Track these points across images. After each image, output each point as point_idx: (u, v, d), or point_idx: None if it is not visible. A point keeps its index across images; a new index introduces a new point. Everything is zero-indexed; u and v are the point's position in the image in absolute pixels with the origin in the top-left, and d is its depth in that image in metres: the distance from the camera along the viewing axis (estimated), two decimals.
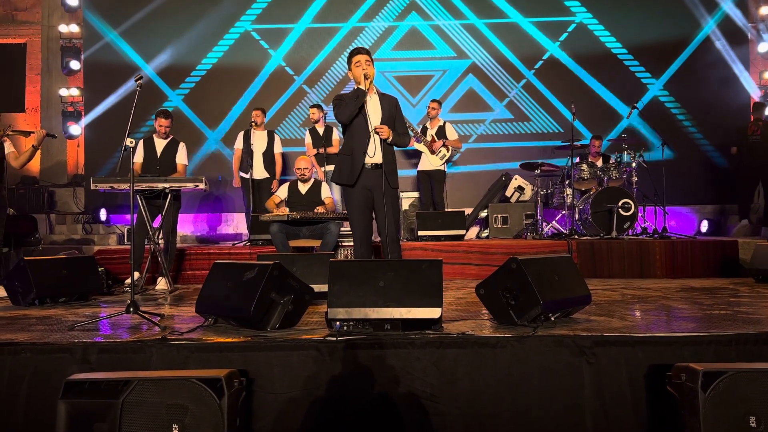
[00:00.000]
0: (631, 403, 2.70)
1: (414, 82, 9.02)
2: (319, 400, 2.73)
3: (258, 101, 8.55)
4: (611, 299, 4.19)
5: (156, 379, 2.29)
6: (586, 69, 8.89)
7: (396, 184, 4.10)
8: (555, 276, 3.20)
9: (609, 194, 6.59)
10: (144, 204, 5.17)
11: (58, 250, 6.64)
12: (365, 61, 3.96)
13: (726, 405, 2.25)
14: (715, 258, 5.88)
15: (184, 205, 5.74)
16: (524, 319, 3.05)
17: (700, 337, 2.80)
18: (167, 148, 5.61)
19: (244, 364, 2.73)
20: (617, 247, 5.93)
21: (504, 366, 2.76)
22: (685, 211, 8.70)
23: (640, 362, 2.74)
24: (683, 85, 8.83)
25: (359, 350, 2.77)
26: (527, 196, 8.06)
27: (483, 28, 8.98)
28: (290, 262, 3.82)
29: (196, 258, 6.00)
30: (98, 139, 8.97)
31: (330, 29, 9.02)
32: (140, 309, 3.48)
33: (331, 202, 5.90)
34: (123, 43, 8.99)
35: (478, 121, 8.97)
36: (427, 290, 2.90)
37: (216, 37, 9.01)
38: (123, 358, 2.81)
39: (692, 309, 3.71)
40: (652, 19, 8.85)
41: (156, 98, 8.70)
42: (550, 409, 2.71)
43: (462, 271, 5.91)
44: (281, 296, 3.09)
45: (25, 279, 4.25)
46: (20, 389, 2.75)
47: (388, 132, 3.98)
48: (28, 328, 3.29)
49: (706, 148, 8.85)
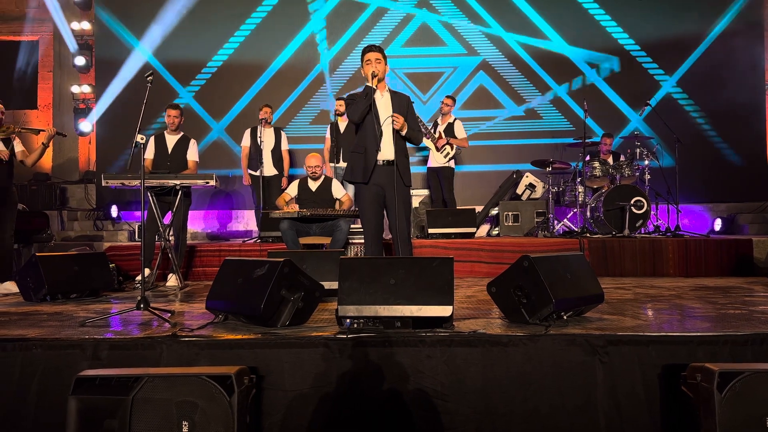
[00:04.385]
0: (645, 403, 2.67)
1: (424, 78, 8.99)
2: (329, 398, 2.71)
3: (267, 96, 8.56)
4: (624, 298, 4.15)
5: (166, 376, 2.29)
6: (596, 66, 8.81)
7: (409, 182, 4.08)
8: (567, 274, 3.16)
9: (621, 192, 6.53)
10: (154, 200, 5.18)
11: (70, 247, 6.68)
12: (375, 59, 3.93)
13: (742, 406, 2.21)
14: (729, 257, 5.81)
15: (194, 202, 5.75)
16: (536, 317, 3.02)
17: (715, 337, 2.76)
18: (178, 145, 5.61)
19: (254, 361, 2.72)
20: (629, 245, 5.88)
21: (516, 365, 2.73)
22: (699, 209, 8.61)
23: (654, 362, 2.70)
24: (697, 82, 8.72)
25: (369, 348, 2.75)
26: (538, 194, 8.01)
27: (493, 24, 8.92)
28: (300, 259, 3.81)
29: (206, 255, 6.01)
30: (109, 135, 9.01)
31: (341, 26, 9.00)
32: (151, 305, 3.48)
33: (349, 199, 5.88)
34: (134, 40, 9.02)
35: (488, 119, 8.92)
36: (438, 288, 2.87)
37: (227, 34, 9.01)
38: (133, 354, 2.81)
39: (706, 308, 3.67)
40: (666, 14, 8.75)
41: (167, 95, 8.71)
42: (563, 409, 2.68)
43: (472, 269, 5.88)
44: (291, 293, 3.08)
45: (36, 275, 4.28)
46: (31, 385, 2.76)
47: (402, 121, 3.95)
48: (40, 324, 3.31)
49: (720, 145, 8.75)
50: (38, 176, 9.15)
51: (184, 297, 4.63)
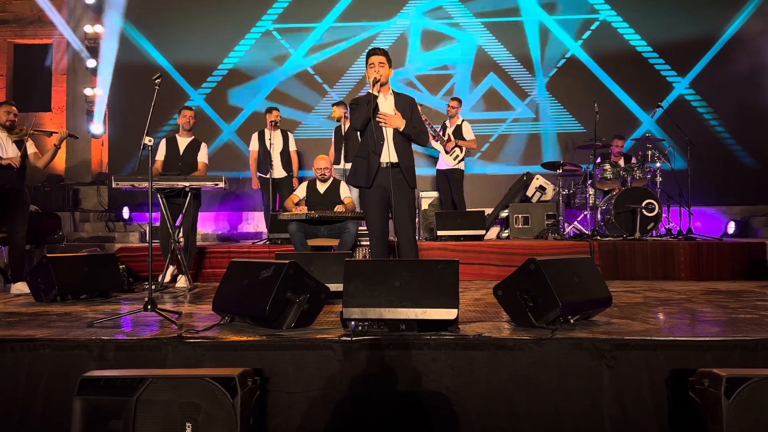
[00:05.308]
0: (652, 408, 2.64)
1: (434, 80, 8.97)
2: (334, 400, 2.71)
3: (276, 99, 8.59)
4: (633, 301, 4.11)
5: (170, 377, 2.30)
6: (609, 67, 8.76)
7: (414, 184, 4.04)
8: (575, 277, 3.14)
9: (632, 194, 6.47)
10: (164, 202, 5.21)
11: (82, 248, 6.74)
12: (378, 63, 3.87)
13: (750, 412, 2.18)
14: (742, 260, 5.73)
15: (206, 203, 5.79)
16: (542, 321, 3.00)
17: (724, 342, 2.72)
18: (189, 147, 5.65)
19: (259, 362, 2.73)
20: (640, 248, 5.82)
21: (522, 368, 2.71)
22: (711, 212, 8.52)
23: (662, 367, 2.67)
24: (710, 83, 8.63)
25: (374, 351, 2.75)
26: (549, 196, 7.96)
27: (505, 26, 8.89)
28: (308, 261, 3.81)
29: (216, 256, 6.04)
30: (122, 137, 9.11)
31: (351, 28, 9.01)
32: (158, 307, 3.50)
33: (351, 201, 5.89)
34: (147, 43, 9.09)
35: (499, 120, 8.89)
36: (443, 290, 2.86)
37: (238, 37, 9.06)
38: (139, 355, 2.83)
39: (717, 312, 3.62)
40: (679, 15, 8.66)
41: (178, 97, 8.77)
42: (569, 413, 2.66)
43: (481, 272, 5.85)
44: (297, 295, 3.08)
45: (47, 276, 4.32)
46: (38, 385, 2.79)
47: (394, 121, 3.86)
48: (49, 325, 3.33)
49: (733, 147, 8.65)
50: (51, 178, 9.24)
51: (193, 298, 4.65)
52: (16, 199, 5.05)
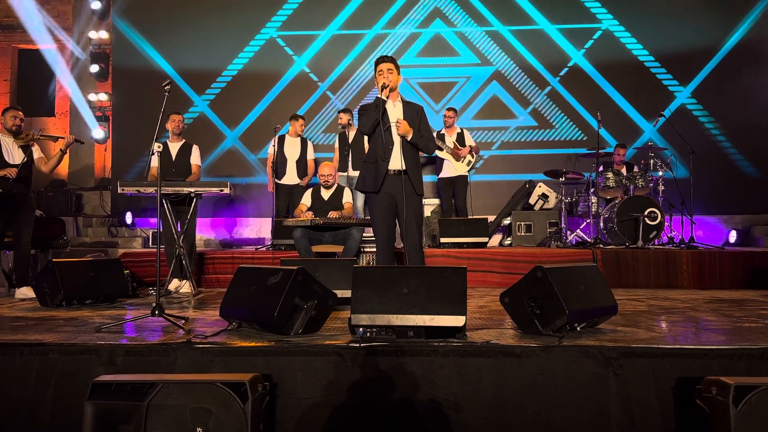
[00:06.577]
0: (659, 416, 2.65)
1: (438, 88, 9.01)
2: (341, 406, 2.72)
3: (281, 106, 8.62)
4: (637, 310, 4.13)
5: (181, 382, 2.31)
6: (612, 76, 8.80)
7: (421, 191, 4.07)
8: (581, 285, 3.16)
9: (635, 203, 6.49)
10: (170, 208, 5.22)
11: (86, 253, 6.74)
12: (387, 70, 3.94)
13: (758, 420, 2.19)
14: (744, 269, 5.75)
15: (208, 209, 5.81)
16: (549, 328, 3.02)
17: (730, 350, 2.74)
18: (181, 151, 5.70)
19: (267, 368, 2.74)
20: (643, 256, 5.84)
21: (529, 376, 2.73)
22: (713, 220, 8.54)
23: (669, 374, 2.69)
24: (712, 92, 8.67)
25: (382, 357, 2.76)
26: (551, 204, 7.98)
27: (507, 35, 8.93)
28: (313, 268, 3.83)
29: (219, 262, 6.05)
30: (125, 143, 9.11)
31: (355, 36, 9.06)
32: (165, 312, 3.51)
33: (350, 207, 5.90)
34: (151, 49, 9.13)
35: (501, 128, 8.92)
36: (451, 298, 2.88)
37: (242, 43, 9.10)
38: (148, 360, 2.83)
39: (721, 321, 3.63)
40: (681, 25, 8.72)
41: (182, 103, 8.80)
42: (576, 421, 2.67)
43: (485, 279, 5.87)
44: (305, 301, 3.09)
45: (53, 280, 4.33)
46: (47, 389, 2.79)
47: (406, 127, 3.93)
48: (56, 329, 3.34)
49: (735, 156, 8.68)
50: (55, 182, 9.26)
51: (197, 304, 4.66)
52: (22, 204, 5.07)
